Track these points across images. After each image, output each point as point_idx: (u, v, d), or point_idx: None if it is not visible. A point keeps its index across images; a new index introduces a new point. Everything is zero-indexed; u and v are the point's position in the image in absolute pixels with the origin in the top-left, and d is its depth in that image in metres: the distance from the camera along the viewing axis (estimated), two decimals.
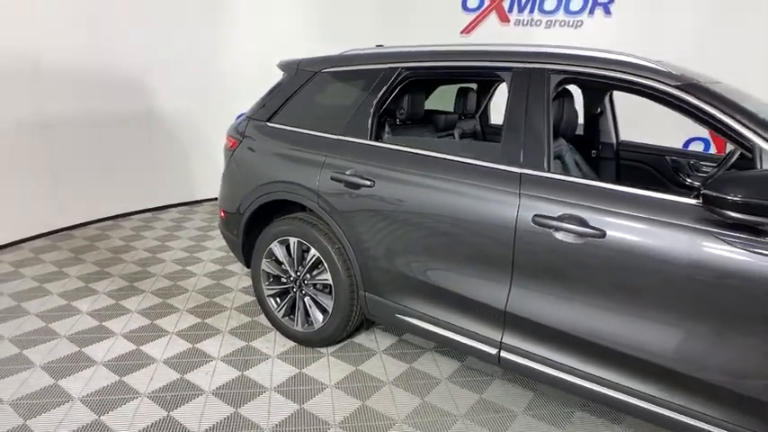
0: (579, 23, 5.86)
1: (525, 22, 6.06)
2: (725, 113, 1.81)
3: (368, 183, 2.43)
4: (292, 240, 2.77)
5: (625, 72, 2.00)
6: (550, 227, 1.98)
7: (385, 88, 2.53)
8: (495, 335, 2.22)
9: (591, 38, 5.67)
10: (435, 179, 2.27)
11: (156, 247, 4.34)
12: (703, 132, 4.77)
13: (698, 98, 1.86)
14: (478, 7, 6.20)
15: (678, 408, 1.84)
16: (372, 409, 2.40)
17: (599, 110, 3.27)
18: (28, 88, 4.14)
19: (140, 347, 2.82)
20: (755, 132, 1.75)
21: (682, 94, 1.89)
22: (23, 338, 2.85)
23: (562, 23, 5.94)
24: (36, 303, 3.26)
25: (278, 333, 3.01)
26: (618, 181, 2.64)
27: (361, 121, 2.56)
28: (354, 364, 2.75)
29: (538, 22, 6.02)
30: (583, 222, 1.92)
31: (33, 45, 4.10)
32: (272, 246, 2.85)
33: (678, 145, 4.76)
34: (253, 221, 2.97)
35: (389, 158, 2.43)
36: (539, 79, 2.14)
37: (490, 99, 3.78)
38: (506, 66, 2.24)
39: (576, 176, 2.19)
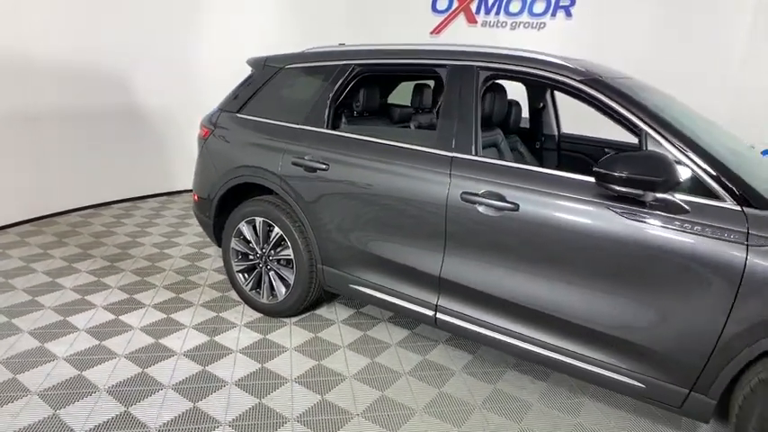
0: (542, 25, 6.18)
1: (492, 24, 6.38)
2: (618, 103, 2.14)
3: (323, 166, 2.73)
4: (258, 220, 3.05)
5: (538, 68, 2.32)
6: (475, 202, 2.29)
7: (340, 83, 2.83)
8: (431, 298, 2.54)
9: (553, 39, 6.01)
10: (381, 162, 2.58)
11: (136, 233, 4.59)
12: None
13: (597, 91, 2.19)
14: (447, 9, 6.51)
15: (579, 356, 2.17)
16: (326, 368, 2.70)
17: (541, 105, 3.60)
18: (16, 83, 4.37)
19: (119, 317, 3.09)
20: (641, 119, 2.08)
21: (584, 87, 2.21)
22: (12, 309, 3.10)
23: (526, 25, 6.26)
24: (22, 280, 3.51)
25: (246, 306, 3.29)
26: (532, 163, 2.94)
27: (319, 111, 2.86)
28: (314, 332, 3.05)
29: (503, 24, 6.34)
30: (501, 198, 2.23)
31: (21, 43, 4.33)
32: (240, 225, 3.13)
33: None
34: (223, 204, 3.24)
35: (342, 145, 2.73)
36: (468, 75, 2.45)
37: None
38: (442, 63, 2.55)
39: (500, 160, 2.50)
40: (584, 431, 2.35)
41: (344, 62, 2.85)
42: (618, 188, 1.95)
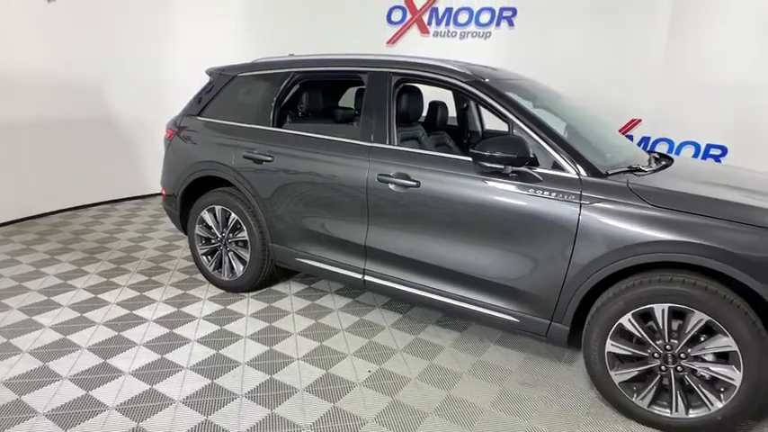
0: (488, 34, 6.78)
1: (443, 34, 6.98)
2: (493, 99, 2.70)
3: (268, 158, 3.26)
4: (217, 208, 3.56)
5: (435, 73, 2.89)
6: (388, 182, 2.84)
7: (281, 88, 3.36)
8: (359, 264, 3.07)
9: (499, 46, 6.63)
10: (315, 153, 3.12)
11: (113, 230, 5.05)
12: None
13: (479, 90, 2.76)
14: (401, 20, 7.08)
15: (473, 301, 2.73)
16: (276, 328, 3.21)
17: (464, 105, 4.18)
18: None
19: (98, 296, 3.56)
20: (509, 111, 2.65)
21: (469, 88, 2.78)
22: (2, 293, 3.55)
23: (474, 35, 6.86)
24: (10, 270, 3.95)
25: (210, 285, 3.78)
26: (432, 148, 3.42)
27: (265, 112, 3.39)
28: (269, 302, 3.55)
29: (453, 34, 6.93)
30: (407, 177, 2.78)
31: (3, 57, 4.78)
32: (202, 214, 3.63)
33: None
34: (187, 196, 3.74)
35: (284, 140, 3.27)
36: (383, 80, 3.01)
37: None
38: (363, 70, 3.10)
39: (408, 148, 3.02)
40: (485, 365, 2.89)
41: (285, 70, 3.39)
42: (487, 164, 2.51)
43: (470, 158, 2.60)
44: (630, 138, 6.10)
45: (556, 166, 2.50)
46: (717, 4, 5.45)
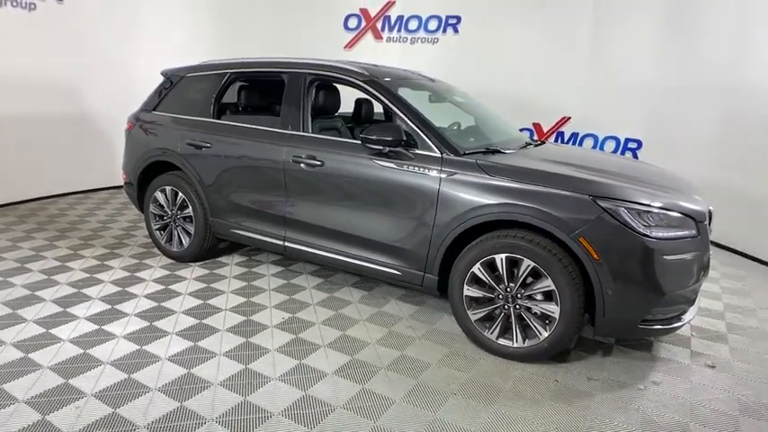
0: (436, 40, 7.41)
1: (395, 39, 7.59)
2: (381, 95, 3.32)
3: (207, 144, 3.86)
4: (168, 188, 4.16)
5: (337, 73, 3.51)
6: (299, 162, 3.45)
7: (220, 86, 3.97)
8: (281, 233, 3.68)
9: (445, 51, 7.26)
10: (244, 139, 3.73)
11: (85, 214, 5.63)
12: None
13: (372, 87, 3.38)
14: (357, 27, 7.69)
15: (365, 259, 3.33)
16: (213, 288, 3.81)
17: None
18: None
19: (65, 264, 4.15)
20: (393, 104, 3.27)
21: (364, 85, 3.40)
22: None
23: (423, 40, 7.48)
24: None
25: (163, 256, 4.37)
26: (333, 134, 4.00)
27: (207, 106, 3.99)
28: (211, 270, 4.15)
29: (405, 39, 7.55)
30: (314, 158, 3.40)
31: None
32: (155, 194, 4.23)
33: None
34: (143, 179, 4.33)
35: (221, 129, 3.87)
36: (298, 79, 3.62)
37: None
38: (284, 71, 3.72)
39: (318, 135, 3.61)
40: (381, 314, 3.50)
41: (223, 71, 4.00)
42: (371, 146, 3.13)
43: (360, 142, 3.22)
44: (561, 134, 6.78)
45: (426, 147, 3.11)
46: (632, 12, 6.11)
